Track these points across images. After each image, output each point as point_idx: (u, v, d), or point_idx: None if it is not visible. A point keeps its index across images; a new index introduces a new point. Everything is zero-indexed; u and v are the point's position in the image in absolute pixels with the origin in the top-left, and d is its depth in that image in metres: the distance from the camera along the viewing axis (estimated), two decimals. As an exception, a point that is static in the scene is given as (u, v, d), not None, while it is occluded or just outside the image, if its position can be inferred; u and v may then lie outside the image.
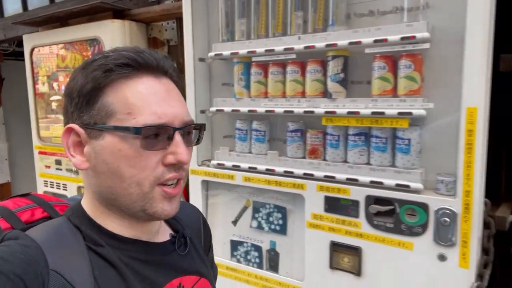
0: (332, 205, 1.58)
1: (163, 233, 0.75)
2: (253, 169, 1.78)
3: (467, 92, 1.27)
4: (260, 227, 1.85)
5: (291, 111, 1.65)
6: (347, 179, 1.54)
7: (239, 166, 1.82)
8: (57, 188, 2.68)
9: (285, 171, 1.69)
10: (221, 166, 1.88)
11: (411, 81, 1.40)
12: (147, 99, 0.63)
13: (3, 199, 0.73)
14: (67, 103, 0.66)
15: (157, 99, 0.64)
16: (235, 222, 1.93)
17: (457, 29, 1.32)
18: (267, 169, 1.74)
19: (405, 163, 1.44)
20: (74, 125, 0.64)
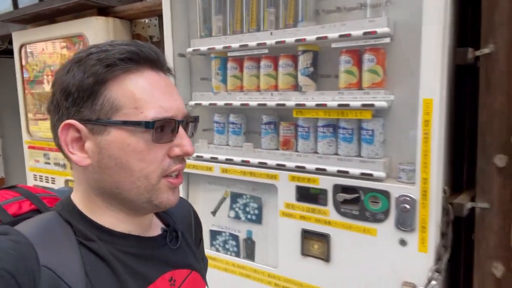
0: (303, 194, 1.65)
1: (154, 228, 0.76)
2: (230, 161, 1.85)
3: (424, 84, 1.33)
4: (237, 217, 1.92)
5: (264, 104, 1.71)
6: (316, 169, 1.60)
7: (217, 158, 1.88)
8: (46, 181, 2.74)
9: (259, 162, 1.76)
10: (200, 158, 1.94)
11: (374, 74, 1.46)
12: (152, 93, 0.64)
13: None
14: (61, 98, 0.64)
15: (161, 93, 0.65)
16: (214, 212, 2.00)
17: (417, 24, 1.38)
18: (243, 161, 1.81)
19: (369, 153, 1.51)
20: (73, 121, 0.63)
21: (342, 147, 1.57)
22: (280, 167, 1.70)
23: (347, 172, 1.53)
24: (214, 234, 1.99)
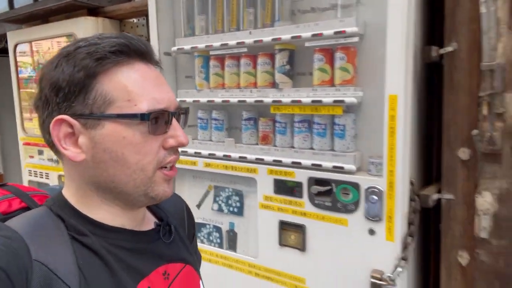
0: (280, 187, 1.72)
1: (148, 222, 0.76)
2: (212, 156, 1.92)
3: (389, 81, 1.40)
4: (220, 209, 1.99)
5: (244, 101, 1.78)
6: (292, 162, 1.67)
7: (200, 153, 1.96)
8: (40, 177, 2.83)
9: (240, 157, 1.83)
10: (184, 153, 2.01)
11: (344, 72, 1.53)
12: (144, 86, 0.64)
13: None
14: (51, 93, 0.63)
15: (153, 85, 0.65)
16: (199, 205, 2.07)
17: (385, 23, 1.44)
18: (225, 155, 1.88)
19: (341, 147, 1.58)
20: (65, 116, 0.62)
21: (316, 142, 1.64)
22: (259, 161, 1.77)
23: (320, 165, 1.60)
24: (199, 226, 2.07)
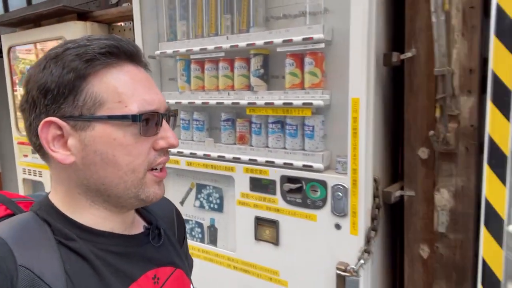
0: (255, 184, 1.81)
1: (136, 226, 0.76)
2: (194, 155, 2.01)
3: (352, 84, 1.49)
4: (202, 206, 2.09)
5: (222, 103, 1.87)
6: (266, 161, 1.77)
7: (183, 152, 2.05)
8: (34, 175, 2.93)
9: (218, 156, 1.92)
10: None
11: (313, 76, 1.62)
12: (135, 87, 0.64)
13: None
14: (39, 96, 0.62)
15: (143, 87, 0.65)
16: (182, 202, 2.17)
17: (349, 30, 1.53)
18: (205, 154, 1.97)
19: (310, 147, 1.67)
20: (54, 118, 0.62)
21: (288, 142, 1.73)
22: (236, 160, 1.87)
23: (291, 164, 1.69)
24: (182, 222, 2.16)
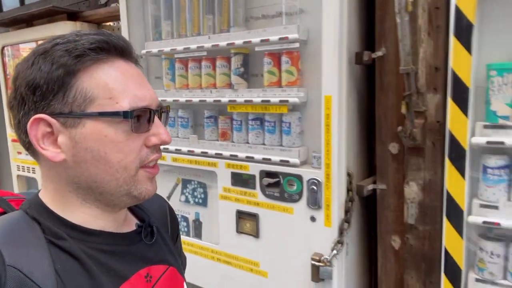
0: (237, 179, 1.88)
1: (129, 224, 0.75)
2: (179, 151, 2.08)
3: (324, 83, 1.55)
4: (187, 200, 2.16)
5: (204, 100, 1.93)
6: (246, 157, 1.83)
7: (168, 148, 2.12)
8: (28, 172, 3.00)
9: (202, 152, 1.99)
10: (154, 148, 2.17)
11: (289, 74, 1.68)
12: (126, 83, 0.63)
13: None
14: (27, 92, 0.61)
15: (134, 83, 0.64)
16: (168, 197, 2.23)
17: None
18: (189, 151, 2.04)
19: (287, 143, 1.73)
20: (43, 115, 0.61)
21: (267, 138, 1.79)
22: (218, 156, 1.93)
23: (269, 159, 1.75)
24: (169, 216, 2.23)
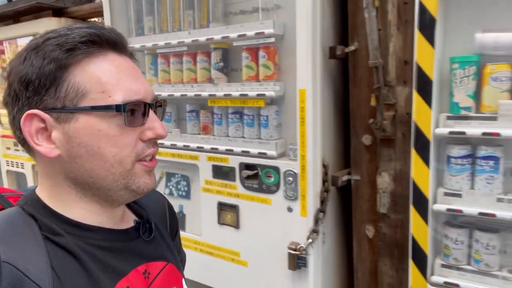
0: (217, 172, 1.92)
1: (127, 220, 0.74)
2: (161, 145, 2.12)
3: (299, 76, 1.59)
4: (171, 193, 2.20)
5: (186, 95, 1.97)
6: (226, 150, 1.87)
7: (152, 142, 2.15)
8: (17, 167, 3.03)
9: (184, 145, 2.03)
10: (139, 142, 2.21)
11: (266, 68, 1.72)
12: (119, 76, 0.62)
13: None
14: (20, 88, 0.60)
15: (128, 76, 0.63)
16: (153, 190, 2.28)
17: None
18: (171, 144, 2.08)
19: (265, 135, 1.78)
20: (37, 111, 0.60)
21: (246, 131, 1.84)
22: (200, 149, 1.97)
23: (248, 152, 1.80)
24: (154, 209, 2.28)
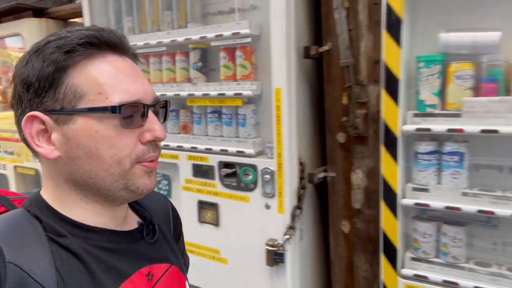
0: (197, 170, 1.95)
1: (130, 222, 0.74)
2: (143, 144, 2.13)
3: (274, 76, 1.63)
4: (153, 192, 2.21)
5: (165, 95, 1.99)
6: (206, 149, 1.90)
7: (133, 142, 2.17)
8: (-1, 168, 3.02)
9: (164, 145, 2.04)
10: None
11: (243, 68, 1.75)
12: (117, 78, 0.62)
13: None
14: (23, 90, 0.62)
15: (126, 77, 0.63)
16: (135, 189, 2.29)
17: (274, 25, 1.66)
18: (152, 144, 2.09)
19: (243, 134, 1.80)
20: (37, 113, 0.61)
21: (224, 130, 1.86)
22: (180, 148, 1.99)
23: (227, 150, 1.82)
24: (136, 208, 2.29)
